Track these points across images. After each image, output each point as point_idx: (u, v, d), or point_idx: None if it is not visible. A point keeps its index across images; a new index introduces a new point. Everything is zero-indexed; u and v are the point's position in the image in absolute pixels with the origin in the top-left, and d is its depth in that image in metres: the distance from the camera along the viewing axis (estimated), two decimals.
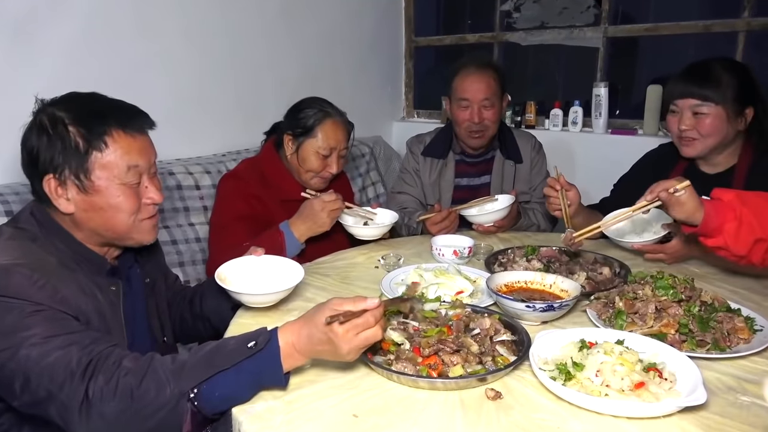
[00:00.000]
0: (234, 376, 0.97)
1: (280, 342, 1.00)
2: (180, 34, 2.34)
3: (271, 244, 1.69)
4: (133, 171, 1.18)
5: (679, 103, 1.71)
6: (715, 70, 1.65)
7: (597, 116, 2.93)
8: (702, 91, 1.65)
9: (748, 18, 2.57)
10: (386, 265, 1.64)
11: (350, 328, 0.97)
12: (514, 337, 1.17)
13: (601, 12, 2.95)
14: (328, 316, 0.98)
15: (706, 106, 1.65)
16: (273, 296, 1.30)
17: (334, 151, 1.89)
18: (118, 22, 2.12)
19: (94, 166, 1.14)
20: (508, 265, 1.61)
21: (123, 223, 1.20)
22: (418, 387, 1.03)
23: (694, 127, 1.68)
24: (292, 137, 1.89)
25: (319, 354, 1.01)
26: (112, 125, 1.16)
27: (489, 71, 2.16)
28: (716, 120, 1.65)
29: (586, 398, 0.95)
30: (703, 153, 1.73)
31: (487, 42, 3.34)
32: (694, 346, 1.14)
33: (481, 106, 2.12)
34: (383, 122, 3.57)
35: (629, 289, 1.30)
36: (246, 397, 0.99)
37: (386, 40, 3.49)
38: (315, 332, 0.99)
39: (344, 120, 1.94)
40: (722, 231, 1.31)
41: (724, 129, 1.67)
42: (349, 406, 0.98)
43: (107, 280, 1.23)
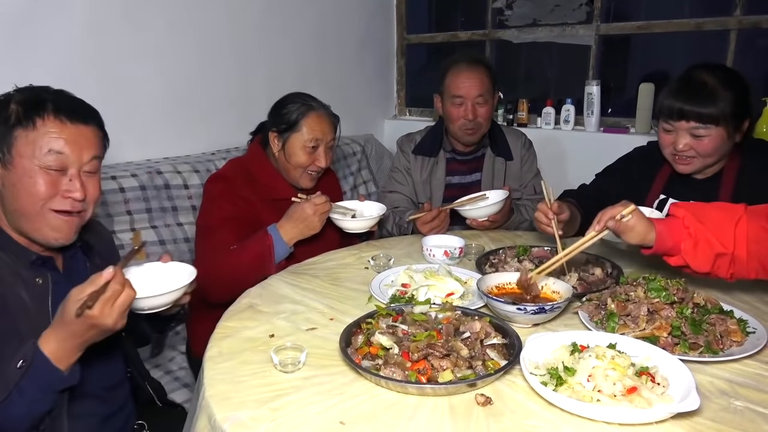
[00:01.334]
0: (20, 398, 1.00)
1: (46, 351, 1.02)
2: (170, 33, 2.31)
3: (260, 248, 1.66)
4: (55, 156, 1.14)
5: (675, 124, 1.61)
6: (712, 86, 1.55)
7: (589, 114, 2.92)
8: (701, 113, 1.55)
9: (739, 16, 2.56)
10: (376, 266, 1.61)
11: (102, 305, 1.00)
12: (505, 341, 1.15)
13: (593, 10, 2.94)
14: (76, 309, 0.99)
15: (706, 128, 1.57)
16: (157, 299, 1.16)
17: (320, 143, 1.86)
18: (107, 20, 2.09)
19: (18, 142, 1.13)
20: (500, 265, 1.59)
21: (30, 206, 1.15)
22: (407, 393, 1.01)
23: (693, 147, 1.61)
24: (277, 134, 1.87)
25: (94, 338, 1.05)
26: (47, 108, 1.15)
27: (481, 68, 2.15)
28: (716, 140, 1.58)
29: (578, 404, 0.93)
30: (699, 170, 1.68)
31: (479, 40, 3.32)
32: (687, 349, 1.13)
33: (475, 102, 2.11)
34: (375, 120, 3.54)
35: (621, 291, 1.28)
36: (46, 406, 1.04)
37: (378, 38, 3.47)
38: (75, 328, 1.01)
39: (328, 112, 1.91)
40: (679, 250, 1.27)
41: (724, 146, 1.61)
42: (336, 412, 0.96)
43: (31, 273, 1.19)
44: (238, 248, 1.67)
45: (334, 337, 1.17)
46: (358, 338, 1.15)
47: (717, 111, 1.54)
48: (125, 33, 2.16)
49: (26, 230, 1.18)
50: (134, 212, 2.06)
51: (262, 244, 1.66)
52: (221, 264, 1.64)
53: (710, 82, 1.56)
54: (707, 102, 1.55)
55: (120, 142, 1.85)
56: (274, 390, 1.03)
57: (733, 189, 1.67)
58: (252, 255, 1.66)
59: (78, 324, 1.00)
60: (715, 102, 1.54)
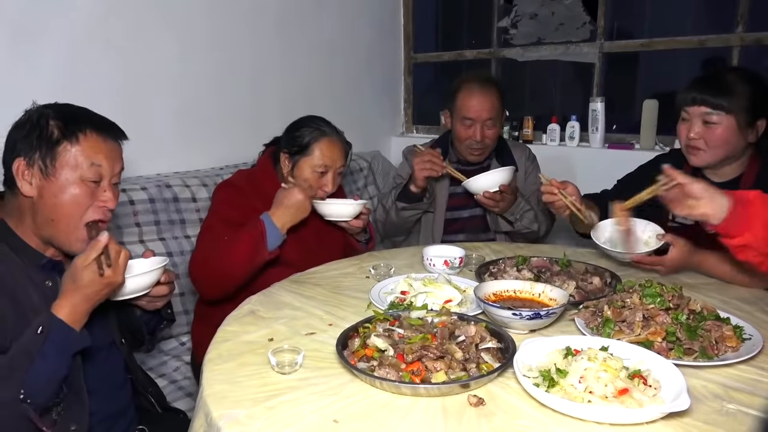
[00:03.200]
0: (43, 362, 1.08)
1: (61, 316, 1.11)
2: (181, 52, 2.37)
3: (252, 234, 1.68)
4: (95, 169, 1.25)
5: (690, 110, 1.67)
6: (730, 79, 1.62)
7: (594, 131, 2.94)
8: (714, 99, 1.61)
9: (741, 33, 2.59)
10: (377, 275, 1.63)
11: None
12: (500, 345, 1.16)
13: (596, 28, 2.98)
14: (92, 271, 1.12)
15: (717, 114, 1.61)
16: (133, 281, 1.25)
17: (329, 170, 1.88)
18: (121, 37, 2.16)
19: (62, 155, 1.22)
20: (499, 275, 1.61)
21: (71, 217, 1.24)
22: (401, 393, 1.02)
23: (703, 137, 1.65)
24: (288, 155, 1.90)
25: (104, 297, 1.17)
26: (87, 125, 1.26)
27: (492, 89, 2.18)
28: (726, 131, 1.62)
29: (569, 404, 0.94)
30: (710, 163, 1.70)
31: (485, 58, 3.37)
32: (681, 354, 1.13)
33: (485, 125, 2.14)
34: (382, 137, 3.59)
35: (618, 298, 1.29)
36: (65, 371, 1.12)
37: (385, 56, 3.53)
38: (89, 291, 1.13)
39: (341, 139, 1.94)
40: (751, 227, 1.27)
41: (734, 140, 1.63)
42: (330, 411, 0.98)
43: (41, 275, 1.25)
44: (230, 237, 1.69)
45: (331, 342, 1.19)
46: (354, 341, 1.17)
47: (729, 99, 1.60)
48: (138, 51, 2.23)
49: (57, 239, 1.26)
50: (143, 224, 2.11)
51: (255, 230, 1.69)
52: (215, 254, 1.67)
53: (729, 76, 1.64)
54: (721, 90, 1.61)
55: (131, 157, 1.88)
56: (271, 390, 1.05)
57: None
58: (245, 240, 1.67)
59: (94, 286, 1.12)
60: (729, 91, 1.60)
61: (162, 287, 1.35)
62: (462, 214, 2.31)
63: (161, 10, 2.28)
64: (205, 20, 2.45)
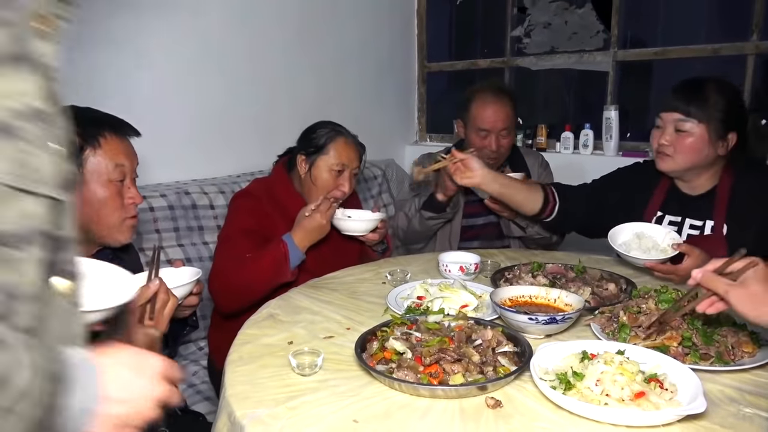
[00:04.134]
0: None
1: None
2: (198, 64, 2.42)
3: (275, 254, 1.71)
4: (119, 169, 1.32)
5: (663, 116, 1.67)
6: (705, 88, 1.63)
7: (608, 139, 2.94)
8: (687, 107, 1.62)
9: (756, 41, 2.59)
10: (393, 281, 1.65)
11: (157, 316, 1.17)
12: (517, 349, 1.17)
13: (610, 37, 2.99)
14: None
15: (690, 122, 1.62)
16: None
17: (346, 169, 1.92)
18: (137, 46, 2.21)
19: (87, 162, 1.27)
20: (514, 281, 1.62)
21: (110, 217, 1.31)
22: (419, 395, 1.04)
23: (673, 144, 1.65)
24: (305, 157, 1.93)
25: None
26: (105, 128, 1.31)
27: (506, 99, 2.20)
28: (697, 140, 1.62)
29: (586, 406, 0.95)
30: (676, 171, 1.70)
31: (498, 67, 3.40)
32: (698, 359, 1.14)
33: (499, 135, 2.17)
34: (396, 145, 3.62)
35: (633, 304, 1.30)
36: None
37: (399, 66, 3.56)
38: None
39: (356, 141, 1.98)
40: None
41: (704, 150, 1.64)
42: (349, 412, 1.00)
43: None
44: (253, 255, 1.72)
45: (350, 345, 1.21)
46: (373, 344, 1.19)
47: (703, 108, 1.61)
48: (157, 65, 2.28)
49: (100, 235, 1.32)
50: (163, 231, 2.15)
51: (277, 251, 1.72)
52: (238, 271, 1.70)
53: (706, 85, 1.64)
54: (696, 98, 1.62)
55: (151, 165, 1.94)
56: (292, 391, 1.07)
57: (727, 206, 1.69)
58: (268, 261, 1.71)
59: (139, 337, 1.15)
60: (703, 100, 1.61)
61: (193, 297, 1.39)
62: (477, 222, 2.32)
63: (181, 23, 2.33)
64: (224, 33, 2.50)
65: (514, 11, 3.31)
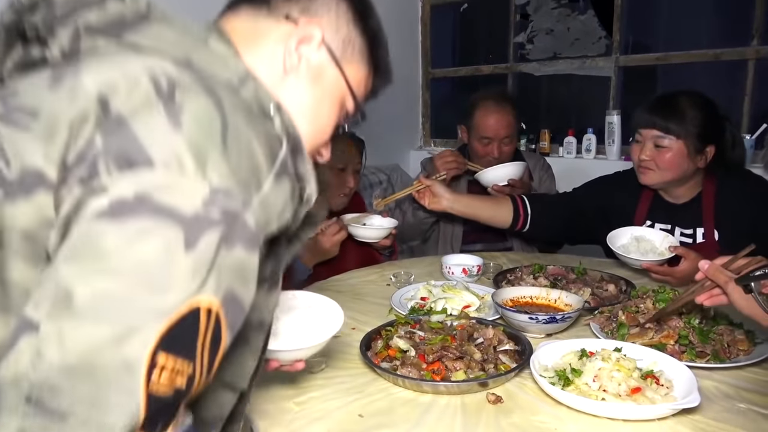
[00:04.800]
0: None
1: None
2: None
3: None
4: None
5: (643, 132, 1.70)
6: (681, 104, 1.65)
7: (610, 143, 2.98)
8: (665, 123, 1.65)
9: (756, 46, 2.62)
10: (397, 282, 1.69)
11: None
12: (518, 347, 1.21)
13: (612, 42, 3.03)
14: None
15: (668, 138, 1.65)
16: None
17: (349, 166, 1.98)
18: None
19: None
20: (516, 282, 1.65)
21: None
22: (422, 391, 1.07)
23: (653, 159, 1.68)
24: None
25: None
26: None
27: (508, 108, 2.24)
28: (676, 155, 1.65)
29: (583, 401, 0.98)
30: (657, 184, 1.74)
31: (502, 73, 3.44)
32: (694, 356, 1.17)
33: (502, 142, 2.21)
34: (401, 151, 3.66)
35: (632, 304, 1.33)
36: None
37: (404, 72, 3.61)
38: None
39: (354, 138, 2.05)
40: None
41: (684, 165, 1.67)
42: (355, 407, 1.03)
43: None
44: None
45: (355, 344, 1.25)
46: (377, 343, 1.23)
47: (680, 124, 1.63)
48: None
49: None
50: None
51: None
52: None
53: (681, 101, 1.66)
54: (673, 114, 1.65)
55: None
56: (299, 387, 1.11)
57: (713, 213, 1.72)
58: None
59: None
60: (680, 116, 1.64)
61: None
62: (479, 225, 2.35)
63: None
64: None
65: (517, 18, 3.35)
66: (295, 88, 0.78)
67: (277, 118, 0.68)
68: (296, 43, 0.76)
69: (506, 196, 1.96)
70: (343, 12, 0.80)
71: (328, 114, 0.83)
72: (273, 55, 0.76)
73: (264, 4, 0.78)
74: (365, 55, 0.85)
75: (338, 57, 0.80)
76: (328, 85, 0.80)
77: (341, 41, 0.80)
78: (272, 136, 0.64)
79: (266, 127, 0.64)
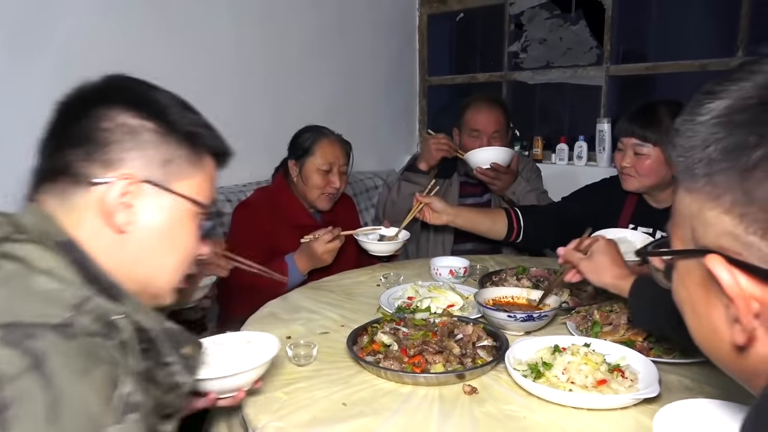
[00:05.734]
0: None
1: None
2: (207, 75, 2.55)
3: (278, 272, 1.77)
4: None
5: (623, 140, 1.79)
6: (659, 112, 1.72)
7: (601, 151, 3.05)
8: (643, 132, 1.72)
9: (741, 57, 2.69)
10: (387, 283, 1.77)
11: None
12: (496, 344, 1.28)
13: (603, 52, 3.10)
14: None
15: (646, 146, 1.72)
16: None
17: (333, 167, 2.05)
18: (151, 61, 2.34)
19: None
20: (500, 283, 1.72)
21: None
22: (403, 382, 1.14)
23: (634, 166, 1.76)
24: (294, 161, 2.08)
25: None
26: None
27: (498, 107, 2.34)
28: (654, 162, 1.73)
29: (552, 391, 1.06)
30: (640, 189, 1.81)
31: (496, 81, 3.51)
32: (661, 353, 1.24)
33: (491, 137, 2.29)
34: (397, 156, 3.73)
35: (607, 304, 1.41)
36: None
37: (402, 80, 3.69)
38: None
39: (339, 139, 2.12)
40: None
41: (662, 170, 1.73)
42: (339, 396, 1.11)
43: None
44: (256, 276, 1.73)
45: (343, 340, 1.32)
46: (363, 339, 1.30)
47: (657, 133, 1.71)
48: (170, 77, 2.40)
49: None
50: None
51: (279, 270, 1.78)
52: (242, 284, 1.76)
53: (659, 110, 1.73)
54: (650, 123, 1.72)
55: None
56: (288, 379, 1.18)
57: None
58: (266, 282, 1.75)
59: None
60: (657, 124, 1.71)
61: (207, 300, 1.50)
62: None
63: (192, 38, 2.47)
64: (233, 49, 2.64)
65: (511, 27, 3.43)
66: (140, 240, 0.77)
67: (124, 322, 0.67)
68: (116, 200, 0.74)
69: (501, 210, 2.00)
70: (146, 140, 0.78)
71: (184, 237, 0.83)
72: (98, 227, 0.75)
73: (65, 177, 0.75)
74: (192, 158, 0.82)
75: (165, 183, 0.78)
76: (170, 212, 0.80)
77: (160, 167, 0.78)
78: (112, 375, 0.63)
79: (107, 363, 0.63)
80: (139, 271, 0.79)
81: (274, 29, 2.81)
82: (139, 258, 0.78)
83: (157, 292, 0.84)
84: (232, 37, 2.63)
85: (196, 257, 0.87)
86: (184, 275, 0.86)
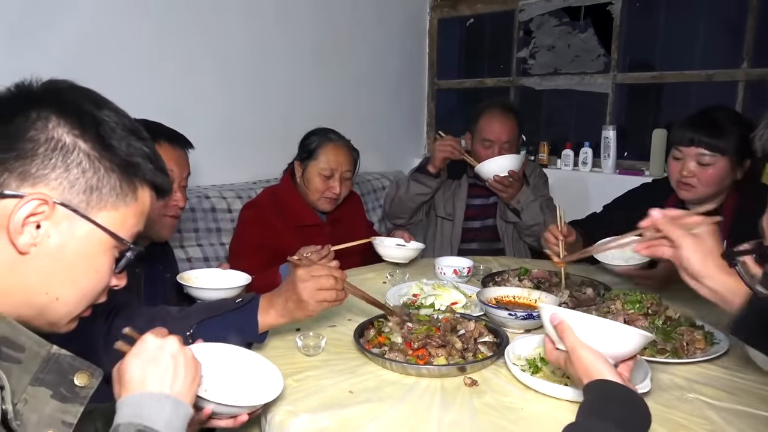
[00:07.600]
0: (220, 322, 1.22)
1: (261, 301, 1.25)
2: (221, 79, 2.62)
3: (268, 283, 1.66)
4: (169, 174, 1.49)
5: (684, 150, 1.74)
6: (721, 120, 1.70)
7: (606, 157, 3.10)
8: (710, 141, 1.69)
9: (746, 69, 2.74)
10: (393, 281, 1.82)
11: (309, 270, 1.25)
12: (496, 340, 1.33)
13: (610, 60, 3.15)
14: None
15: (712, 156, 1.70)
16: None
17: (335, 173, 2.08)
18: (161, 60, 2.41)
19: None
20: (503, 283, 1.78)
21: (155, 213, 1.47)
22: (407, 373, 1.20)
23: (696, 175, 1.73)
24: (299, 162, 2.13)
25: (287, 303, 1.23)
26: (161, 137, 1.52)
27: (511, 116, 2.40)
28: (720, 170, 1.70)
29: (548, 385, 1.11)
30: (700, 198, 1.78)
31: (504, 86, 3.57)
32: (655, 353, 1.29)
33: (503, 147, 2.34)
34: (405, 158, 3.79)
35: (604, 305, 1.46)
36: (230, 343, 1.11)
37: (411, 83, 3.75)
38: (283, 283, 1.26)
39: (347, 145, 2.15)
40: None
41: (726, 179, 1.73)
42: (346, 385, 1.16)
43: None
44: (256, 277, 1.75)
45: (350, 333, 1.38)
46: (370, 332, 1.36)
47: (724, 142, 1.69)
48: (185, 78, 2.48)
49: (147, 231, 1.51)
50: (184, 231, 2.33)
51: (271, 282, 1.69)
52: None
53: (720, 117, 1.72)
54: (716, 132, 1.70)
55: None
56: (297, 368, 1.24)
57: (729, 226, 1.78)
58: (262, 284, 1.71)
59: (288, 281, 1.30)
60: (723, 134, 1.69)
61: None
62: (475, 224, 2.50)
63: (206, 39, 2.53)
64: (246, 51, 2.70)
65: (520, 34, 3.49)
66: (41, 266, 0.70)
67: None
68: (23, 220, 0.68)
69: (579, 240, 1.84)
70: (76, 162, 0.71)
71: (92, 269, 0.76)
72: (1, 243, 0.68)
73: None
74: (123, 189, 0.76)
75: (83, 210, 0.72)
76: (82, 242, 0.73)
77: (82, 192, 0.72)
78: None
79: None
80: (33, 296, 0.72)
81: (288, 32, 2.88)
82: (38, 283, 0.72)
83: (53, 321, 0.76)
84: (248, 40, 2.70)
85: (107, 288, 0.81)
86: (87, 306, 0.79)
